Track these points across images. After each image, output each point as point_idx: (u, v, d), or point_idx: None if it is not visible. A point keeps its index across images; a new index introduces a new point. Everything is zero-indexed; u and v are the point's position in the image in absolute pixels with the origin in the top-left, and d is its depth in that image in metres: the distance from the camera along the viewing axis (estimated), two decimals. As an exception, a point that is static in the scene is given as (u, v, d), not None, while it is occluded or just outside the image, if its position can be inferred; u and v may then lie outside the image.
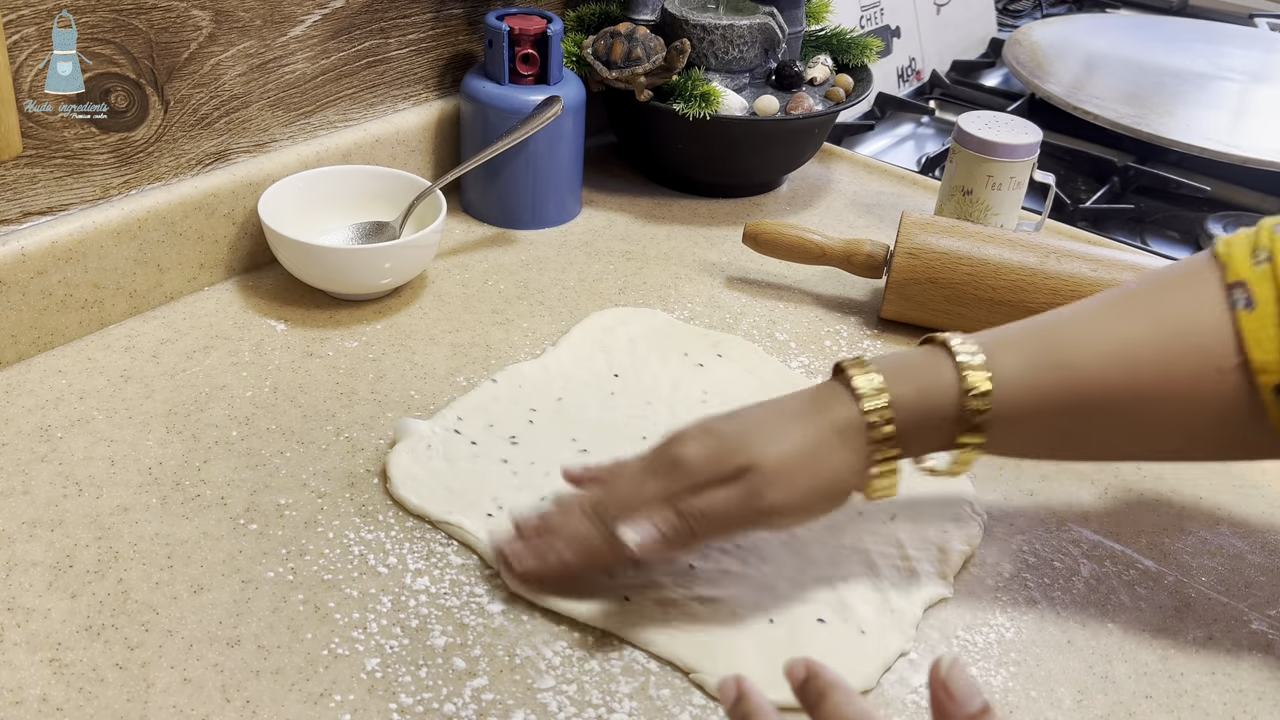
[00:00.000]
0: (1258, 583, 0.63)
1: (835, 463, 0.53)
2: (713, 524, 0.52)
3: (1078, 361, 0.53)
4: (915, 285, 0.81)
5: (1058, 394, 0.53)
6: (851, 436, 0.53)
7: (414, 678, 0.53)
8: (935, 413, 0.53)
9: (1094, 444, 0.56)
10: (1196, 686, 0.56)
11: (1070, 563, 0.63)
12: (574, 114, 0.91)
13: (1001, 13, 1.67)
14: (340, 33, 0.84)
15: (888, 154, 1.25)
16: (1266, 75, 1.43)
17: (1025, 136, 0.89)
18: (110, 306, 0.76)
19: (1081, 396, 0.52)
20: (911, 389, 0.53)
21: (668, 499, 0.53)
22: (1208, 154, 1.14)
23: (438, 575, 0.58)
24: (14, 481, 0.62)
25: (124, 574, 0.57)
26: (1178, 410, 0.52)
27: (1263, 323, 0.50)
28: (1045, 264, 0.80)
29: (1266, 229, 0.53)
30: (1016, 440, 0.55)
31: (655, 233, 0.95)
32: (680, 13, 0.95)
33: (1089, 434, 0.55)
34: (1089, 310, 0.55)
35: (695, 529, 0.52)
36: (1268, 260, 0.51)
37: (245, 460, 0.65)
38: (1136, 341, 0.52)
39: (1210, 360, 0.51)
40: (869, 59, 1.05)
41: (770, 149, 0.99)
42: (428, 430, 0.67)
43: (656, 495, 0.53)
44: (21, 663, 0.52)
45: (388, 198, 0.86)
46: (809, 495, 0.53)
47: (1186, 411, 0.52)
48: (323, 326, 0.78)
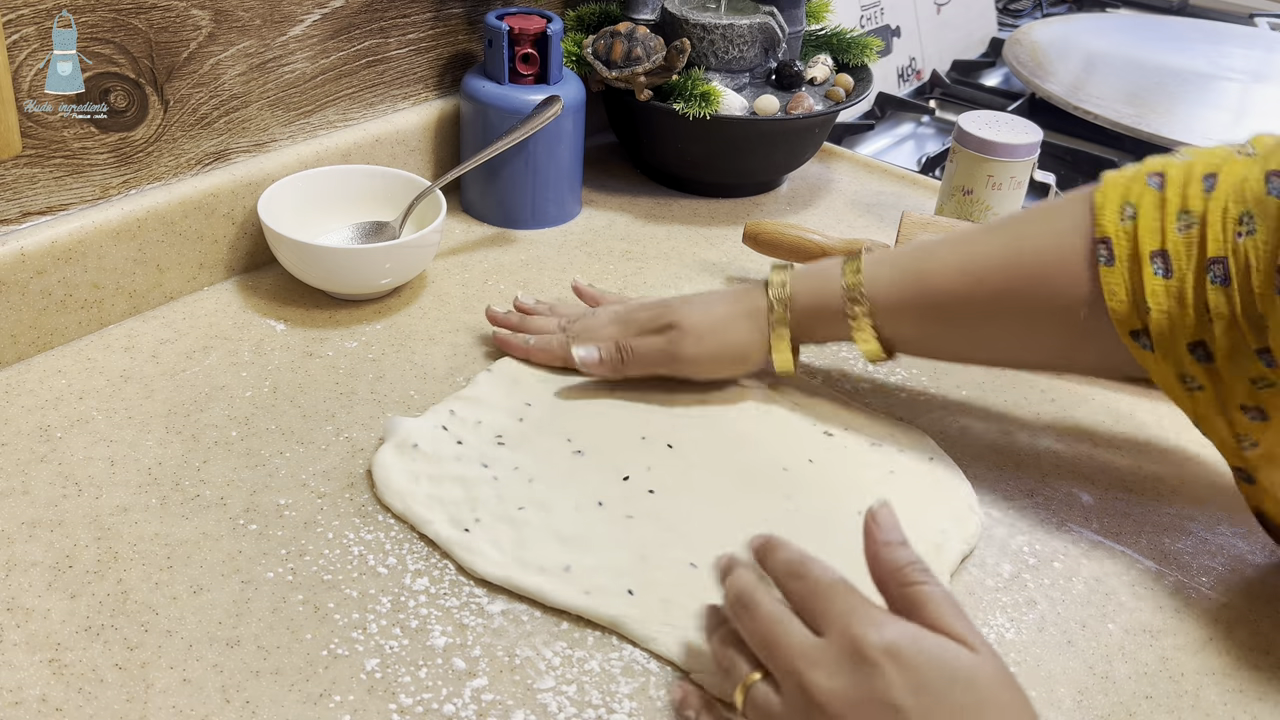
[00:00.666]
0: (1258, 583, 0.63)
1: (740, 334, 0.69)
2: (640, 359, 0.70)
3: (931, 269, 0.64)
4: (915, 285, 0.81)
5: (916, 295, 0.65)
6: (757, 318, 0.69)
7: (414, 678, 0.53)
8: (825, 307, 0.67)
9: (953, 343, 0.67)
10: (1196, 687, 0.56)
11: (1070, 563, 0.63)
12: (574, 114, 0.91)
13: (1002, 12, 1.67)
14: (340, 32, 0.84)
15: (888, 154, 1.25)
16: (1266, 75, 1.43)
17: (1025, 136, 0.89)
18: (110, 306, 0.76)
19: (931, 300, 0.64)
20: (808, 288, 0.68)
21: (616, 337, 0.71)
22: (1208, 154, 1.14)
23: (437, 575, 0.58)
24: (14, 481, 0.62)
25: (124, 574, 0.57)
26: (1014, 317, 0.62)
27: (1118, 276, 0.58)
28: (1045, 264, 0.79)
29: (1141, 178, 0.59)
30: (896, 332, 0.66)
31: (655, 233, 0.95)
32: (680, 12, 0.95)
33: (945, 333, 0.66)
34: (961, 231, 0.68)
35: (626, 359, 0.70)
36: (1132, 218, 0.58)
37: (245, 460, 0.65)
38: (980, 257, 0.63)
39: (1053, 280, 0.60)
40: (869, 59, 1.04)
41: (770, 149, 0.99)
42: (415, 428, 0.66)
43: (611, 334, 0.71)
44: (21, 663, 0.52)
45: (388, 198, 0.86)
46: (715, 352, 0.69)
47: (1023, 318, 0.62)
48: (323, 326, 0.78)
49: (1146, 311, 0.57)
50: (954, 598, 0.46)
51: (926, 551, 0.61)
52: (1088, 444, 0.73)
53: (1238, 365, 0.56)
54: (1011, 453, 0.72)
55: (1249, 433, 0.57)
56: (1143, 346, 0.58)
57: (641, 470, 0.65)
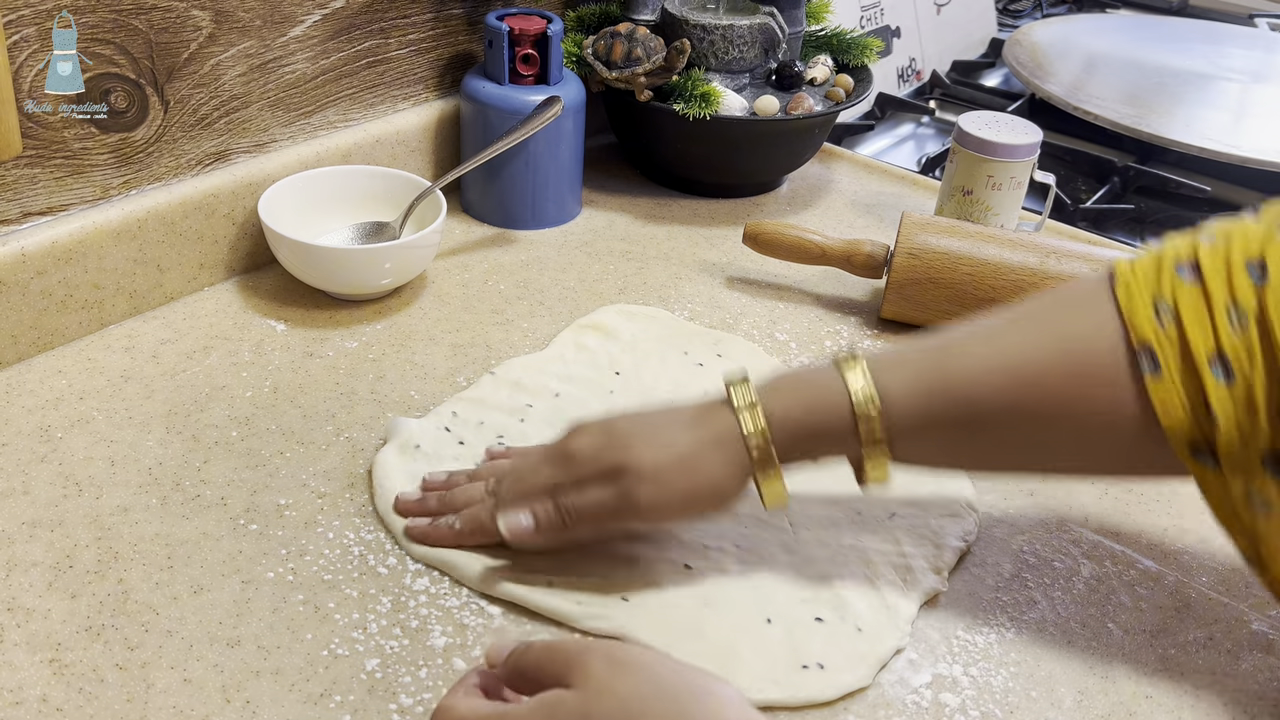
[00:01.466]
0: (1258, 583, 0.63)
1: (712, 469, 0.55)
2: (584, 518, 0.56)
3: (964, 375, 0.53)
4: (915, 285, 0.81)
5: (946, 407, 0.53)
6: (729, 446, 0.55)
7: (414, 678, 0.53)
8: (825, 428, 0.55)
9: (991, 457, 0.56)
10: (1196, 687, 0.56)
11: (1070, 563, 0.63)
12: (574, 114, 0.91)
13: (1001, 13, 1.67)
14: (340, 33, 0.84)
15: (888, 154, 1.25)
16: (1266, 75, 1.43)
17: (1025, 136, 0.89)
18: (110, 307, 0.76)
19: (968, 409, 0.53)
20: (797, 406, 0.55)
21: (552, 490, 0.56)
22: (1208, 154, 1.14)
23: (437, 576, 0.58)
24: (14, 481, 0.62)
25: (124, 574, 0.57)
26: (1069, 428, 0.52)
27: (1170, 389, 0.50)
28: (1045, 264, 0.80)
29: (1168, 271, 0.52)
30: (916, 452, 0.55)
31: (655, 233, 0.95)
32: (680, 13, 0.95)
33: (983, 447, 0.55)
34: (981, 326, 0.56)
35: (567, 521, 0.56)
36: (1173, 319, 0.50)
37: (245, 460, 0.65)
38: (1024, 357, 0.53)
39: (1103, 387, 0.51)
40: (869, 59, 1.04)
41: (770, 149, 0.99)
42: (418, 429, 0.66)
43: (544, 484, 0.57)
44: (21, 663, 0.52)
45: (388, 198, 0.86)
46: (684, 497, 0.55)
47: (1077, 429, 0.52)
48: (323, 326, 0.78)
49: (1214, 424, 0.49)
50: (551, 644, 0.45)
51: (928, 551, 0.62)
52: (1088, 444, 0.73)
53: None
54: (1011, 453, 0.72)
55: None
56: (1204, 464, 0.50)
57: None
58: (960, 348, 0.55)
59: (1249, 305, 0.49)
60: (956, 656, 0.57)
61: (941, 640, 0.58)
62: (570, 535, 0.56)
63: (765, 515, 0.63)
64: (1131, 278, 0.52)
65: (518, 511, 0.56)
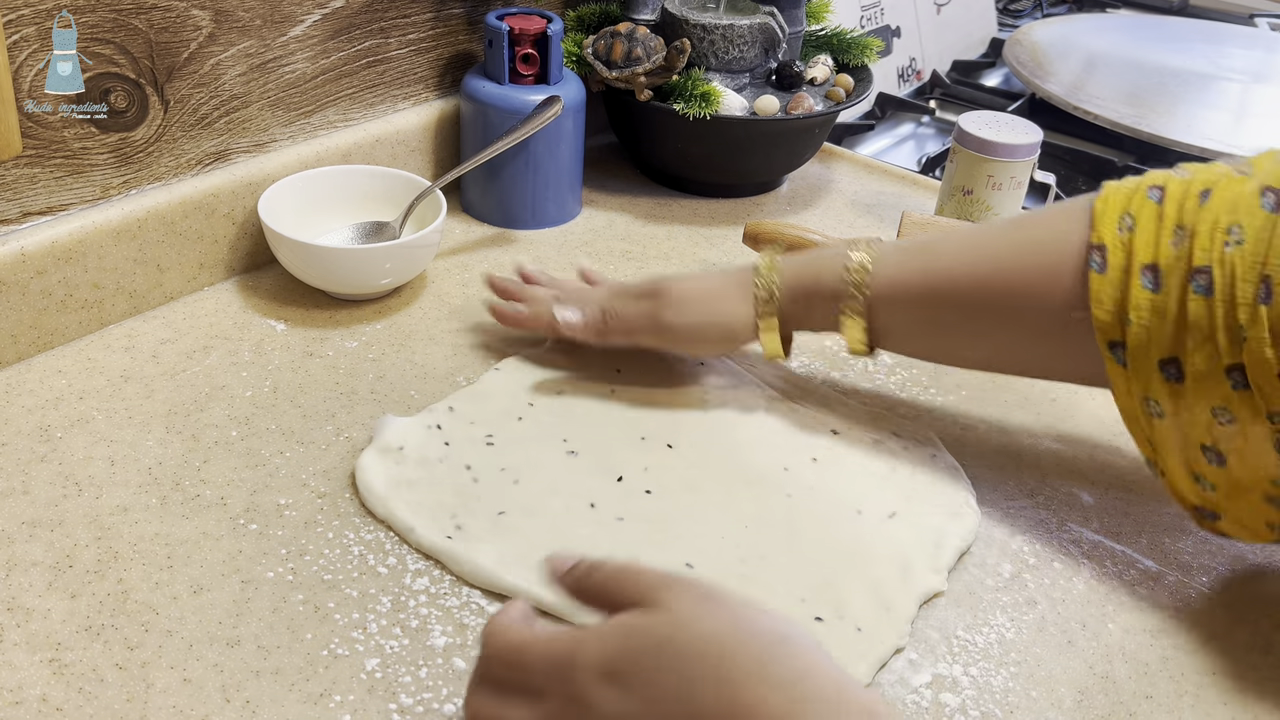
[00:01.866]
0: (1257, 583, 0.63)
1: (728, 306, 0.67)
2: (620, 324, 0.69)
3: (939, 259, 0.63)
4: (915, 285, 0.81)
5: (921, 281, 0.63)
6: (746, 290, 0.67)
7: (414, 678, 0.53)
8: (820, 288, 0.65)
9: (953, 338, 0.65)
10: (1197, 686, 0.56)
11: (1070, 563, 0.63)
12: (574, 114, 0.91)
13: (1002, 13, 1.67)
14: (340, 33, 0.84)
15: (888, 154, 1.25)
16: (1267, 75, 1.43)
17: (1025, 136, 0.89)
18: (110, 306, 0.76)
19: (938, 284, 0.63)
20: (803, 268, 0.66)
21: (603, 301, 0.70)
22: (1208, 154, 1.14)
23: (438, 575, 0.58)
24: (14, 481, 0.62)
25: (124, 574, 0.57)
26: (1027, 315, 0.61)
27: (1108, 285, 0.57)
28: (1045, 264, 0.80)
29: (1142, 190, 0.58)
30: (890, 323, 0.65)
31: (655, 233, 0.95)
32: (680, 12, 0.95)
33: (947, 323, 0.64)
34: (963, 228, 0.69)
35: (608, 323, 0.70)
36: (1130, 229, 0.57)
37: (245, 460, 0.65)
38: (993, 250, 0.62)
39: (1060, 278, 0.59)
40: (869, 59, 1.05)
41: (770, 149, 0.99)
42: (403, 429, 0.66)
43: (599, 299, 0.71)
44: (21, 663, 0.52)
45: (388, 198, 0.86)
46: (699, 324, 0.68)
47: (1034, 316, 0.60)
48: (323, 326, 0.78)
49: (1128, 323, 0.56)
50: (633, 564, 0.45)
51: (927, 550, 0.62)
52: (1088, 444, 0.73)
53: (1205, 388, 0.54)
54: (1012, 452, 0.72)
55: (1205, 475, 0.56)
56: (1117, 360, 0.57)
57: (638, 471, 0.65)
58: (950, 242, 0.64)
59: (1190, 225, 0.55)
60: (956, 656, 0.57)
61: (941, 640, 0.58)
62: (607, 337, 0.70)
63: (765, 515, 0.63)
64: (1112, 193, 0.59)
65: (571, 309, 0.70)
